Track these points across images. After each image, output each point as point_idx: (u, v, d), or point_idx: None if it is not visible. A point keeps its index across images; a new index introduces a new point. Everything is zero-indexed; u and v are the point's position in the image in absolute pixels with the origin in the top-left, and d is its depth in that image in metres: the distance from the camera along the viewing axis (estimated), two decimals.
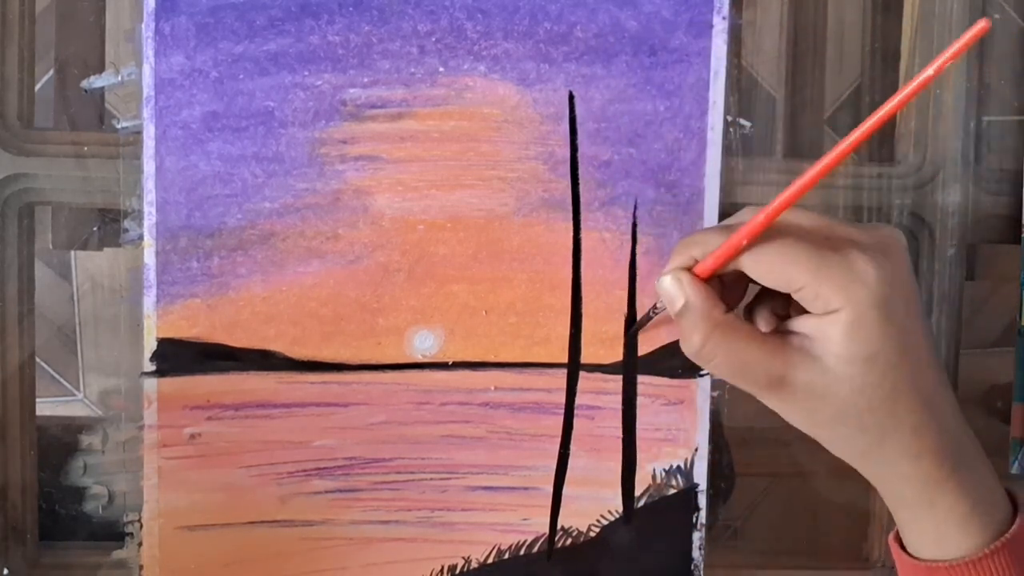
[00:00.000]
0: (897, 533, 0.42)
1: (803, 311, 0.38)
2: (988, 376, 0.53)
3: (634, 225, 0.50)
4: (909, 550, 0.42)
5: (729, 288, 0.41)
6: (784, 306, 0.40)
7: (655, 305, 0.43)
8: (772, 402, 0.39)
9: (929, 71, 0.34)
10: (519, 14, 0.48)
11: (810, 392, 0.38)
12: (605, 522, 0.51)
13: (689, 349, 0.39)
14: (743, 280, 0.41)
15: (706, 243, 0.39)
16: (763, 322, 0.41)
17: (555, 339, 0.50)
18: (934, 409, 0.39)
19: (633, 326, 0.50)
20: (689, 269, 0.40)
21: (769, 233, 0.38)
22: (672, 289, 0.40)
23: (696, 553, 0.52)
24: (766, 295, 0.41)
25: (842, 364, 0.37)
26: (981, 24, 0.33)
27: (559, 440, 0.50)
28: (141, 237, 0.48)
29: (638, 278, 0.50)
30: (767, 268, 0.38)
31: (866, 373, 0.37)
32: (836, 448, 0.40)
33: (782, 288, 0.38)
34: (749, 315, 0.42)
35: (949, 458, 0.39)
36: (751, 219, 0.38)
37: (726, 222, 0.42)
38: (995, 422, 0.53)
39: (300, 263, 0.49)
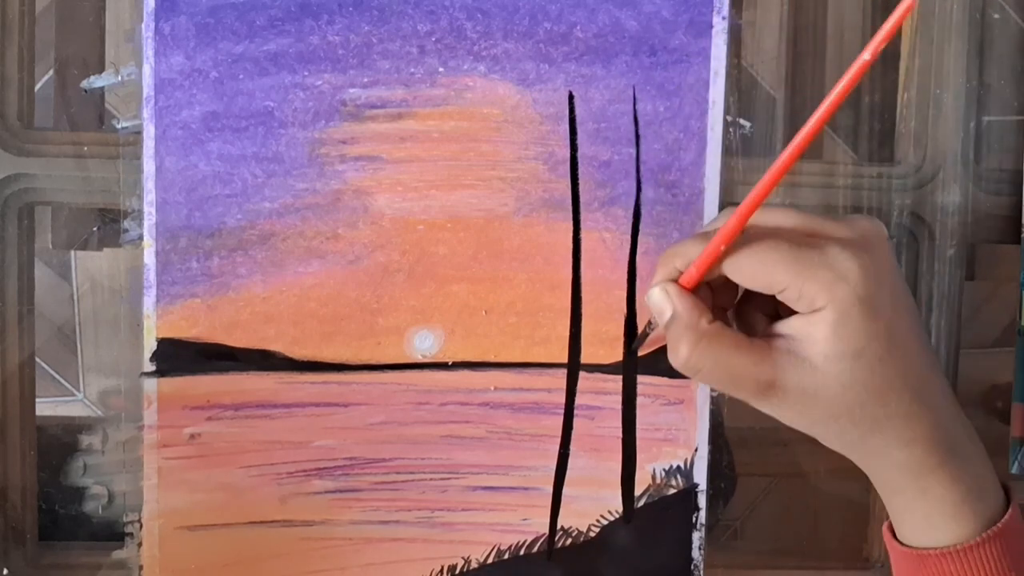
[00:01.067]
0: (891, 523, 0.42)
1: (791, 311, 0.38)
2: (988, 376, 0.53)
3: (634, 225, 0.50)
4: (901, 539, 0.42)
5: (719, 292, 0.41)
6: (773, 305, 0.40)
7: (649, 321, 0.43)
8: (764, 407, 0.39)
9: (866, 56, 0.34)
10: (519, 14, 0.48)
11: (800, 393, 0.38)
12: (605, 522, 0.51)
13: (676, 360, 0.39)
14: (732, 283, 0.41)
15: (687, 253, 0.40)
16: (755, 322, 0.41)
17: (555, 339, 0.50)
18: (925, 398, 0.38)
19: (632, 345, 0.50)
20: (675, 280, 0.40)
21: (748, 235, 0.38)
22: (660, 301, 0.40)
23: (696, 553, 0.52)
24: (754, 296, 0.41)
25: (830, 362, 0.37)
26: (907, 2, 0.33)
27: (559, 440, 0.50)
28: (141, 237, 0.48)
29: (638, 278, 0.50)
30: (749, 272, 0.38)
31: (854, 369, 0.37)
32: (830, 442, 0.40)
33: (765, 290, 0.38)
34: (739, 317, 0.42)
35: (941, 445, 0.39)
36: (725, 223, 0.38)
37: (705, 228, 0.42)
38: (995, 422, 0.53)
39: (300, 263, 0.49)
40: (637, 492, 0.51)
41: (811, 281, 0.37)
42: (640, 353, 0.50)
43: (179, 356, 0.48)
